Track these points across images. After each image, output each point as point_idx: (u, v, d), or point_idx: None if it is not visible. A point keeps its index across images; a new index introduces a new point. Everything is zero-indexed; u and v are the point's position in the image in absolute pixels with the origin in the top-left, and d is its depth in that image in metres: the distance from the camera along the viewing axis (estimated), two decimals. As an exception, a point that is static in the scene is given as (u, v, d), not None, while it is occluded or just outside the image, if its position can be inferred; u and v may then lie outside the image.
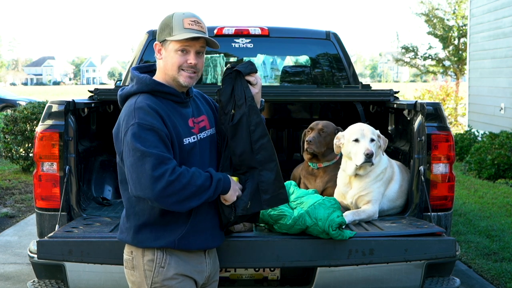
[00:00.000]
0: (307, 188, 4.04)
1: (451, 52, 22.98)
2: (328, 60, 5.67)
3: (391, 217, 3.76)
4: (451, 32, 22.66)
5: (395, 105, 4.26)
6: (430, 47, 24.31)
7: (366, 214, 3.65)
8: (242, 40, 5.41)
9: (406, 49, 24.90)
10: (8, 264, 5.69)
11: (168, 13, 2.74)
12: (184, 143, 2.66)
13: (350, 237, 3.19)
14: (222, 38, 5.20)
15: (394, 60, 27.26)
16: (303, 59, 5.77)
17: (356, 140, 3.69)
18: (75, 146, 3.70)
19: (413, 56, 25.12)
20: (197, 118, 2.79)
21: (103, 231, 3.36)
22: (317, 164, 4.12)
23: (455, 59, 22.81)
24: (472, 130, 12.92)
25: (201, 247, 2.74)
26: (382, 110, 4.72)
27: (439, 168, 3.72)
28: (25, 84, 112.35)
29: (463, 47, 22.13)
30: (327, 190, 4.05)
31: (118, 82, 5.44)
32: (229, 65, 2.87)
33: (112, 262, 3.11)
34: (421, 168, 3.69)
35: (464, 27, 21.83)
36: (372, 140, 3.69)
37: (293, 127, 5.48)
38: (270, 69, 5.69)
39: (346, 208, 3.79)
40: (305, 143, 4.09)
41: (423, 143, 3.69)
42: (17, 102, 23.30)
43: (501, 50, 12.95)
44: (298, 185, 4.14)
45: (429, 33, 23.39)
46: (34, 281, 3.54)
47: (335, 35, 5.56)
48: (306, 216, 3.20)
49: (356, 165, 3.67)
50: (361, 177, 3.76)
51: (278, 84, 5.65)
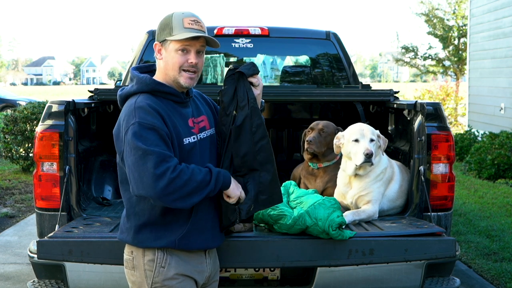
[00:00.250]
0: (307, 188, 4.04)
1: (451, 52, 22.99)
2: (328, 60, 5.67)
3: (391, 217, 3.76)
4: (451, 32, 22.67)
5: (395, 105, 4.26)
6: (430, 47, 24.33)
7: (366, 214, 3.65)
8: (242, 40, 5.41)
9: (406, 49, 24.91)
10: (8, 264, 5.69)
11: (168, 13, 2.74)
12: (184, 143, 2.66)
13: (350, 237, 3.18)
14: (222, 38, 5.19)
15: (394, 60, 27.27)
16: (303, 59, 5.77)
17: (356, 140, 3.69)
18: (75, 146, 3.70)
19: (413, 56, 25.13)
20: (197, 118, 2.79)
21: (103, 231, 3.36)
22: (317, 164, 4.12)
23: (455, 59, 22.81)
24: (472, 130, 12.92)
25: (202, 247, 2.74)
26: (382, 110, 4.72)
27: (439, 168, 3.72)
28: (25, 84, 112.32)
29: (463, 47, 22.14)
30: (327, 190, 4.05)
31: (118, 82, 5.44)
32: (232, 66, 2.87)
33: (112, 262, 3.11)
34: (421, 168, 3.69)
35: (464, 27, 21.83)
36: (372, 140, 3.70)
37: (293, 127, 5.48)
38: (270, 69, 5.69)
39: (346, 208, 3.79)
40: (306, 143, 4.09)
41: (423, 143, 3.69)
42: (17, 102, 23.30)
43: (501, 50, 12.95)
44: (298, 185, 4.14)
45: (429, 33, 23.40)
46: (34, 281, 3.54)
47: (335, 35, 5.56)
48: (306, 216, 3.20)
49: (356, 165, 3.67)
50: (361, 177, 3.76)
51: (278, 84, 5.65)
